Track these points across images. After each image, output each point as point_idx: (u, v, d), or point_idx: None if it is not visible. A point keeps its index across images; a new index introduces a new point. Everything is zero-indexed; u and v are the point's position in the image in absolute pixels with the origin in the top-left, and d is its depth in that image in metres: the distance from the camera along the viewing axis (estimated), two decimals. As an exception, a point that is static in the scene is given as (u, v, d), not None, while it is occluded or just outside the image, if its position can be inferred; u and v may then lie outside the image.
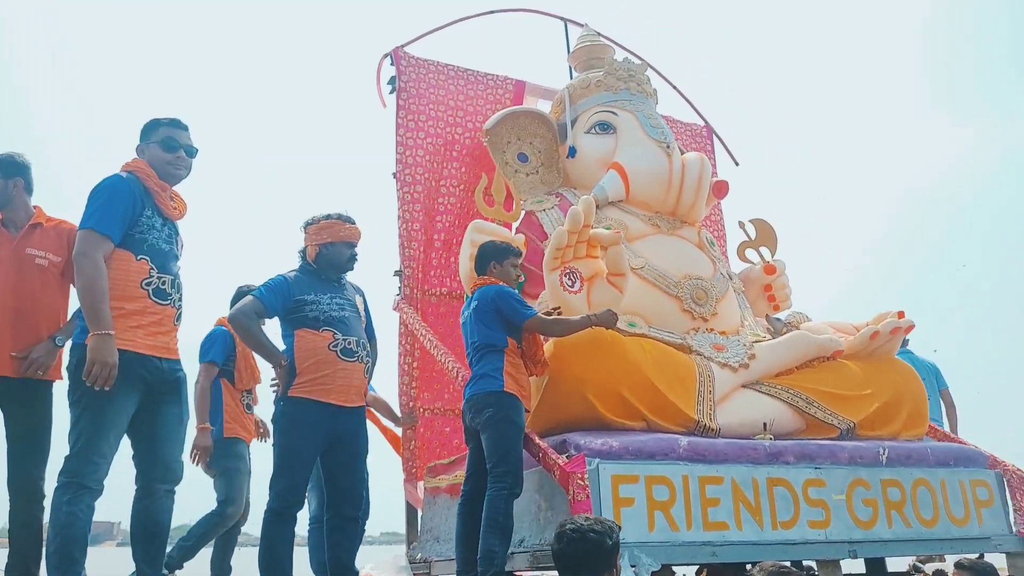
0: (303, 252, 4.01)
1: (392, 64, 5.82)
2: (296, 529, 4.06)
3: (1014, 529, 4.48)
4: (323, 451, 3.74)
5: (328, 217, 3.98)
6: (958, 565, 3.89)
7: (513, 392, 3.71)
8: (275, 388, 3.94)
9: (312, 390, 3.69)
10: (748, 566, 3.80)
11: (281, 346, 3.89)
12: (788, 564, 2.28)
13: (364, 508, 4.00)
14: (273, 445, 3.82)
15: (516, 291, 3.99)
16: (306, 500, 4.56)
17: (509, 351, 3.80)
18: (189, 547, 4.51)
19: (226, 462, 4.64)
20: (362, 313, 3.95)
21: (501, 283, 3.95)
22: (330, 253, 3.91)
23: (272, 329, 4.01)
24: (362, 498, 3.86)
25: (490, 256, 4.08)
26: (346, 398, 3.74)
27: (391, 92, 5.80)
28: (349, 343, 3.78)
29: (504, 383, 3.71)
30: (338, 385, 3.71)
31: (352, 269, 3.99)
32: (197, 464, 4.50)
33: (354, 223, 4.03)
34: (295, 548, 3.83)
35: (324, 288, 3.86)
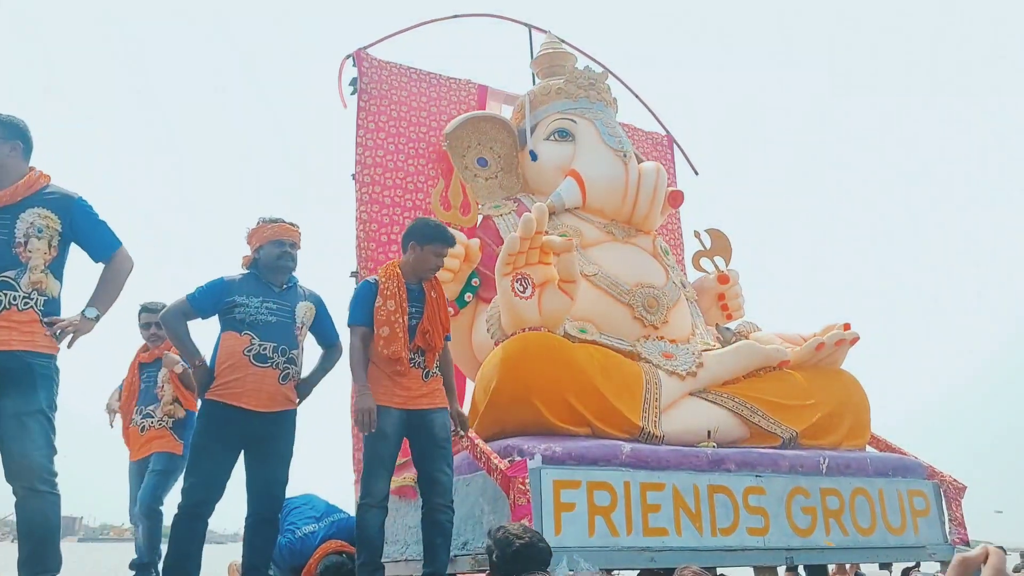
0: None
1: (354, 65, 5.84)
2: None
3: (949, 539, 4.59)
4: (244, 454, 3.73)
5: (259, 222, 3.97)
6: (906, 573, 3.98)
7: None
8: None
9: (223, 393, 3.66)
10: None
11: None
12: (702, 570, 2.33)
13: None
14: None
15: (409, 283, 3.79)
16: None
17: (372, 348, 3.74)
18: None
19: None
20: (301, 320, 3.86)
21: (406, 266, 3.83)
22: (262, 256, 3.88)
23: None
24: (278, 500, 3.79)
25: (411, 235, 3.88)
26: (257, 403, 3.66)
27: (352, 93, 5.82)
28: (265, 348, 3.71)
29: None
30: (248, 390, 3.66)
31: (287, 267, 3.89)
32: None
33: (281, 222, 3.94)
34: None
35: (259, 292, 3.82)
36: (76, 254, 3.33)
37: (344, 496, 5.29)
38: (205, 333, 3.96)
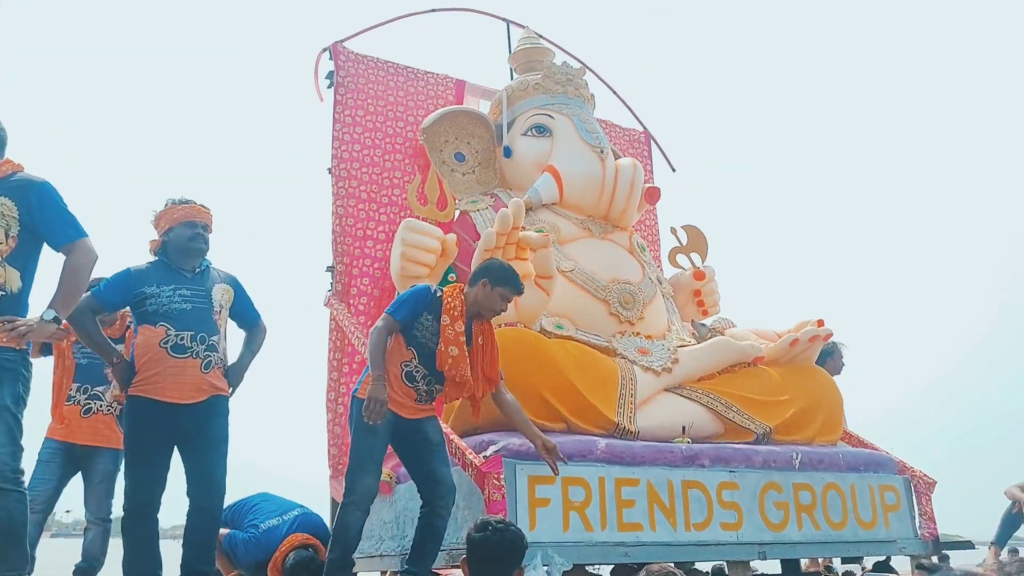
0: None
1: (331, 59, 5.80)
2: None
3: (919, 533, 4.65)
4: (178, 447, 3.62)
5: (167, 204, 3.82)
6: (919, 565, 4.01)
7: (364, 396, 3.54)
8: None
9: (146, 388, 3.55)
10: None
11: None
12: (673, 567, 2.34)
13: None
14: None
15: (438, 304, 3.62)
16: None
17: (389, 349, 3.63)
18: None
19: None
20: (219, 303, 3.72)
21: (470, 295, 3.69)
22: (172, 240, 3.75)
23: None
24: (218, 489, 3.63)
25: (487, 273, 3.73)
26: (181, 395, 3.54)
27: (329, 87, 5.78)
28: (182, 339, 3.57)
29: (359, 388, 3.64)
30: (168, 383, 3.54)
31: (200, 249, 3.74)
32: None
33: (191, 203, 3.80)
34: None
35: (170, 279, 3.67)
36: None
37: (317, 493, 5.28)
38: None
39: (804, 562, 5.86)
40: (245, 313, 3.95)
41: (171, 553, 3.65)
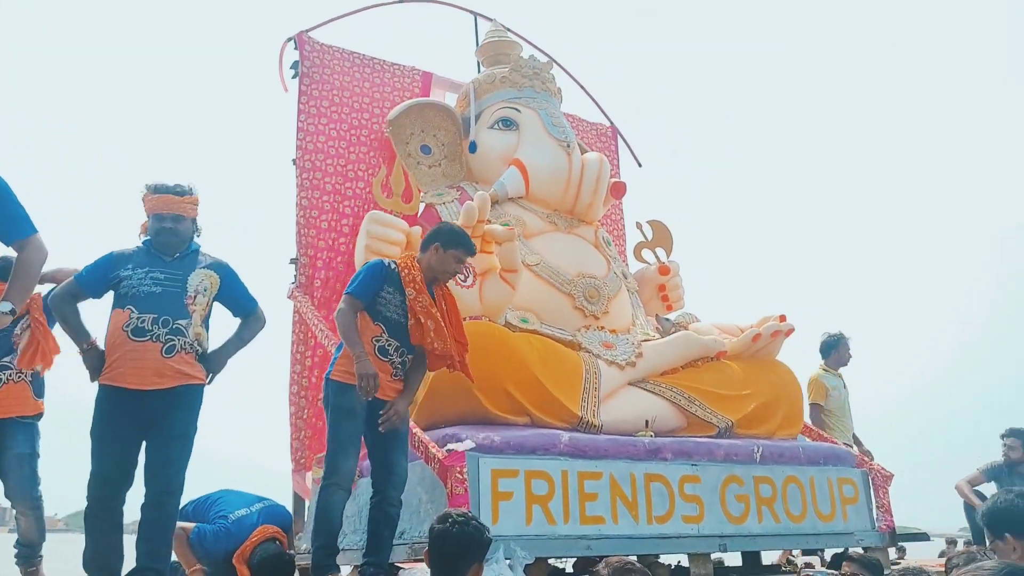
0: None
1: (296, 48, 5.73)
2: None
3: (876, 525, 4.73)
4: (145, 438, 3.55)
5: (144, 190, 3.77)
6: (846, 557, 4.07)
7: (339, 378, 3.59)
8: None
9: (111, 375, 3.49)
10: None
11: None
12: (634, 560, 2.36)
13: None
14: None
15: (397, 277, 3.65)
16: None
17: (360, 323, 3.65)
18: None
19: None
20: (194, 289, 3.63)
21: (423, 261, 3.74)
22: (150, 227, 3.72)
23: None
24: (172, 482, 3.53)
25: (437, 237, 3.78)
26: (141, 380, 3.46)
27: (294, 77, 5.72)
28: (143, 321, 3.49)
29: (333, 369, 3.64)
30: (128, 368, 3.46)
31: (169, 242, 3.68)
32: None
33: (162, 193, 3.73)
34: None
35: (146, 262, 3.62)
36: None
37: (281, 480, 5.24)
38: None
39: (778, 554, 5.93)
40: (237, 300, 3.86)
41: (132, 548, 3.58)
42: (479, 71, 6.26)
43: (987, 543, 2.29)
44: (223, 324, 3.84)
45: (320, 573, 3.53)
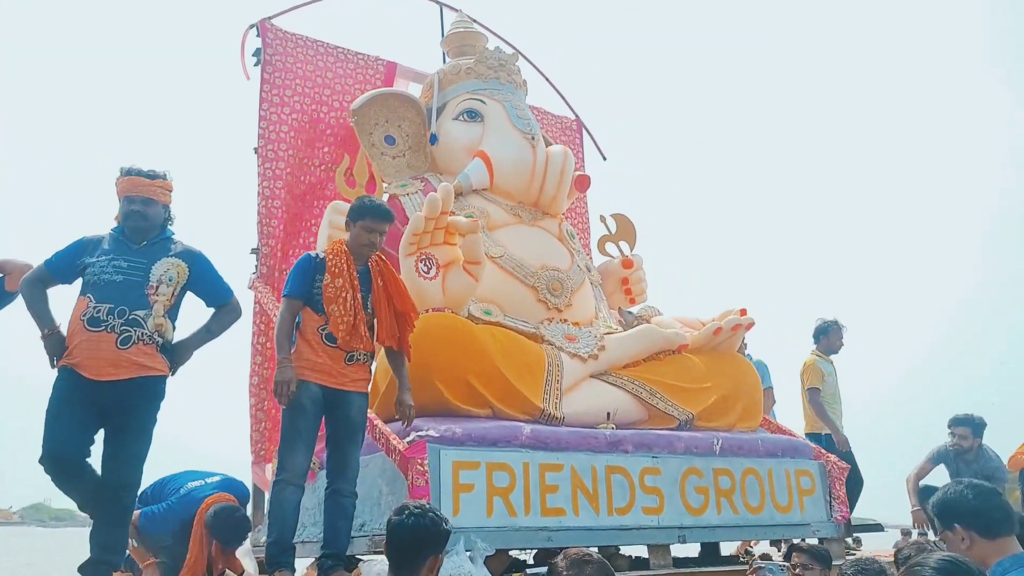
0: None
1: (258, 36, 5.67)
2: None
3: (831, 516, 4.80)
4: (103, 428, 3.50)
5: (118, 173, 3.73)
6: (796, 548, 4.10)
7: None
8: None
9: (70, 361, 3.44)
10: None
11: None
12: (592, 552, 2.36)
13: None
14: None
15: (323, 265, 3.64)
16: None
17: (302, 322, 3.67)
18: None
19: None
20: (157, 279, 3.57)
21: (348, 241, 3.76)
22: (120, 210, 3.67)
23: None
24: (128, 475, 3.49)
25: (348, 214, 3.83)
26: (96, 371, 3.40)
27: (256, 65, 5.65)
28: (99, 311, 3.44)
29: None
30: (84, 357, 3.42)
31: (137, 226, 3.62)
32: None
33: (133, 175, 3.68)
34: None
35: (112, 249, 3.57)
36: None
37: (240, 475, 5.18)
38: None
39: (736, 545, 6.00)
40: (208, 290, 3.80)
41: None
42: (444, 62, 6.23)
43: (936, 533, 2.33)
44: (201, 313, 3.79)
45: (272, 569, 3.52)
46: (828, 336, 6.37)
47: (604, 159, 7.23)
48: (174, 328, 3.67)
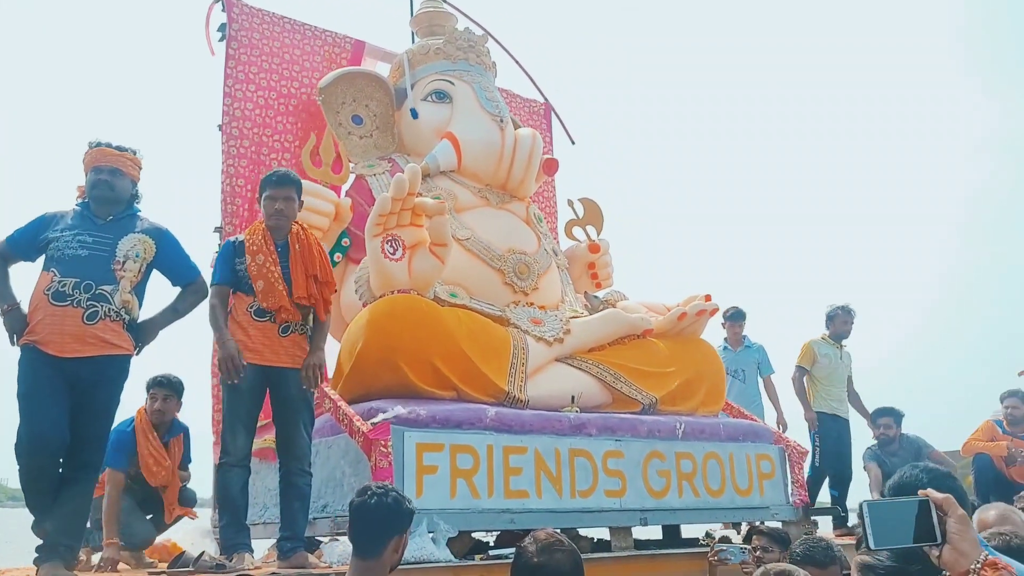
0: None
1: (223, 11, 5.54)
2: None
3: (790, 499, 4.88)
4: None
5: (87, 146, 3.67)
6: (756, 531, 4.16)
7: None
8: None
9: (33, 338, 3.36)
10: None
11: None
12: (562, 536, 2.36)
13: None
14: None
15: (243, 247, 3.68)
16: None
17: (233, 307, 3.70)
18: None
19: None
20: (124, 254, 3.49)
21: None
22: (87, 183, 3.59)
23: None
24: (90, 455, 3.42)
25: (258, 192, 3.90)
26: (60, 347, 3.32)
27: (220, 40, 5.53)
28: (64, 285, 3.36)
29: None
30: (48, 333, 3.33)
31: (104, 196, 3.54)
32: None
33: (102, 146, 3.61)
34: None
35: (77, 224, 3.49)
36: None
37: (203, 454, 5.14)
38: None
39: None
40: (174, 269, 3.73)
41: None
42: (413, 42, 6.16)
43: None
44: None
45: (229, 552, 3.50)
46: (834, 322, 6.53)
47: (573, 143, 7.21)
48: (140, 306, 3.62)
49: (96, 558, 4.27)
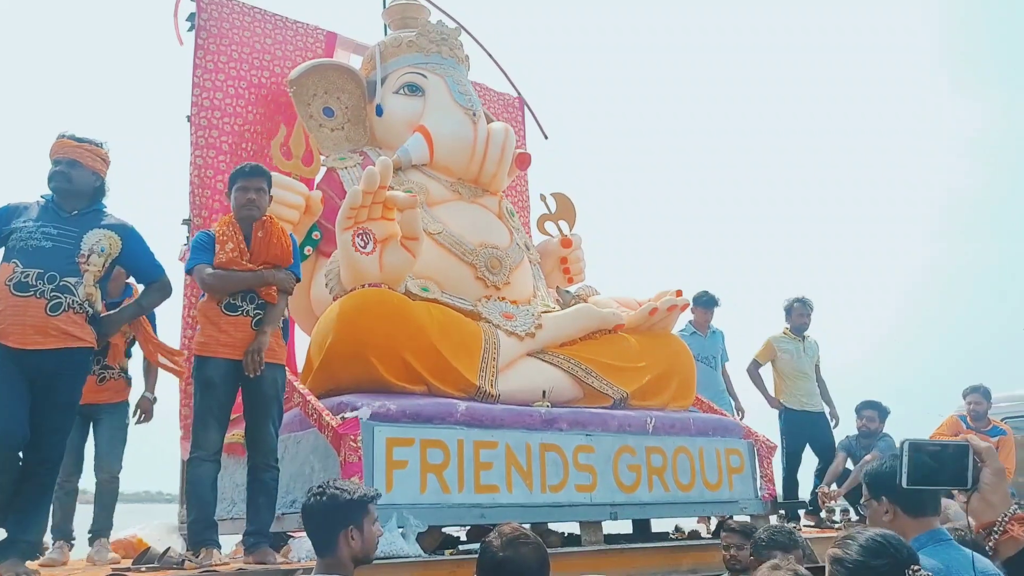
0: None
1: (192, 0, 5.47)
2: None
3: (759, 494, 4.92)
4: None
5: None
6: (726, 528, 4.17)
7: (196, 351, 3.61)
8: None
9: None
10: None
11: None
12: (527, 529, 2.36)
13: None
14: None
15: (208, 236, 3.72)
16: None
17: (201, 303, 3.70)
18: None
19: None
20: (89, 248, 3.43)
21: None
22: (47, 176, 3.53)
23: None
24: (49, 450, 3.34)
25: (228, 186, 3.88)
26: (22, 339, 3.24)
27: (189, 30, 5.46)
28: (27, 276, 3.29)
29: (194, 343, 3.66)
30: (9, 324, 3.25)
31: (60, 188, 3.48)
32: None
33: (63, 137, 3.54)
34: None
35: (41, 216, 3.43)
36: None
37: (171, 449, 5.08)
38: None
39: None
40: (139, 267, 3.70)
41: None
42: (385, 34, 6.12)
43: (862, 499, 2.39)
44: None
45: (196, 547, 3.47)
46: (791, 315, 6.60)
47: (546, 138, 7.22)
48: (103, 300, 3.56)
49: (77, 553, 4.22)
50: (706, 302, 6.71)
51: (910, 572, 1.72)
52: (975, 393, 6.38)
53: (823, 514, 6.11)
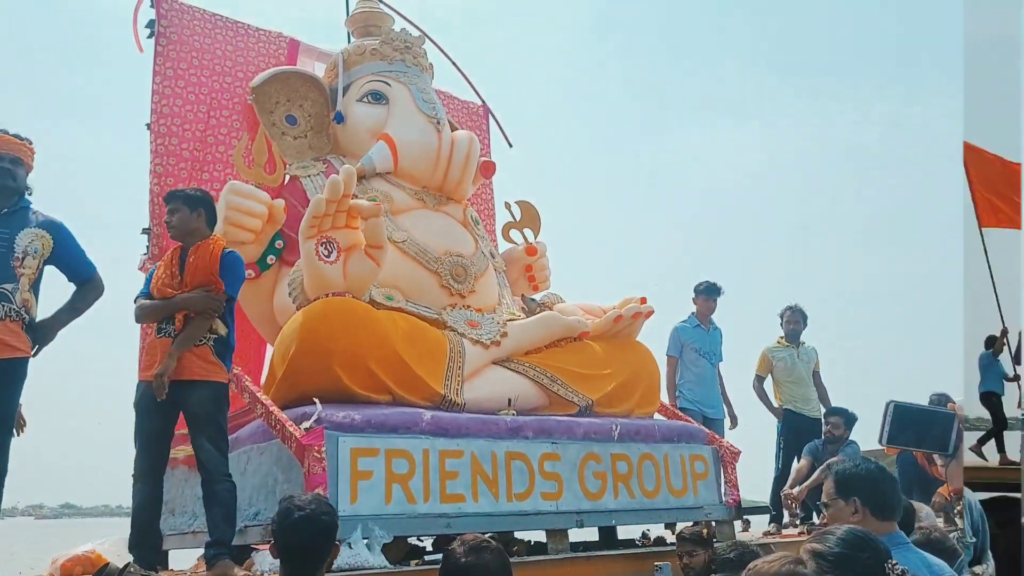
0: None
1: (152, 6, 5.40)
2: None
3: (724, 500, 4.96)
4: None
5: None
6: (679, 538, 4.22)
7: (141, 378, 3.66)
8: None
9: None
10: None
11: None
12: (489, 538, 2.36)
13: None
14: None
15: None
16: None
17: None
18: None
19: None
20: (23, 250, 3.36)
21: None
22: None
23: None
24: None
25: None
26: None
27: (149, 37, 5.38)
28: None
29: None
30: None
31: (5, 185, 3.42)
32: None
33: (5, 133, 3.49)
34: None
35: None
36: None
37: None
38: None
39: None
40: (72, 265, 3.61)
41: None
42: (348, 42, 6.09)
43: (823, 498, 2.43)
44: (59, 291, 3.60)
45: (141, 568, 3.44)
46: (783, 323, 6.69)
47: (511, 146, 7.22)
48: (37, 305, 3.47)
49: None
50: (707, 290, 6.58)
51: (888, 566, 1.77)
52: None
53: (786, 518, 6.16)
